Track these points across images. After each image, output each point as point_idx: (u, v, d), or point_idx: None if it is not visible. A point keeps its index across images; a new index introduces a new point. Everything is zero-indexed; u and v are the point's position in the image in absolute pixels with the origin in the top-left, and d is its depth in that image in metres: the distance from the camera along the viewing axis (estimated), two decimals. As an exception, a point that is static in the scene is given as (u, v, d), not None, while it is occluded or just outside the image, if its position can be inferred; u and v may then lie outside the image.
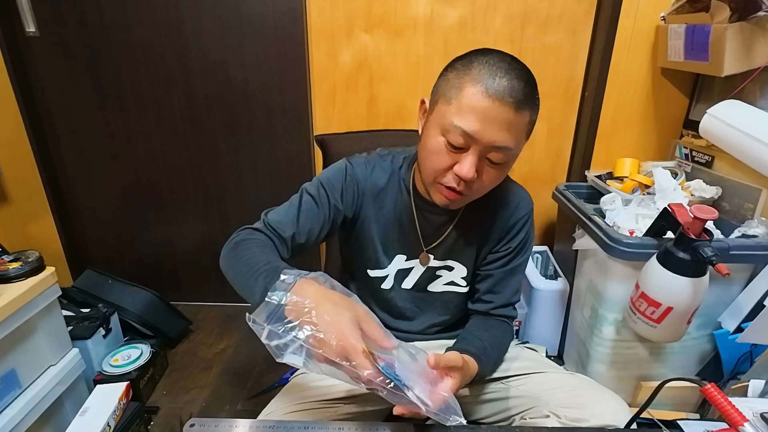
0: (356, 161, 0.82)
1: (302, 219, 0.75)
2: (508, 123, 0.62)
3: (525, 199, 0.82)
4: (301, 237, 0.74)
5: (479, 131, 0.62)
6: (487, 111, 0.61)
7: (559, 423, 0.69)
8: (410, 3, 1.43)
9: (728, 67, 1.11)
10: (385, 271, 0.84)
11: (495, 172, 0.68)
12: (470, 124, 0.62)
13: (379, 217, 0.81)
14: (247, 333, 1.71)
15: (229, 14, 1.48)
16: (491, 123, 0.62)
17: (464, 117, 0.62)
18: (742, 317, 1.05)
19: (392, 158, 0.83)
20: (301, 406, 0.75)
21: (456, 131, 0.63)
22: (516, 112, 0.62)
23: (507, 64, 0.63)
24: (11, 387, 1.05)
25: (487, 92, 0.61)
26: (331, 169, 0.81)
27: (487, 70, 0.63)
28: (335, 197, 0.78)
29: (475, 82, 0.62)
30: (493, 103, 0.61)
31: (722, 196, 1.19)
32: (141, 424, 1.21)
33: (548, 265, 1.57)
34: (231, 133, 1.63)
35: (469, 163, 0.64)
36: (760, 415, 0.54)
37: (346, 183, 0.79)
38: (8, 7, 1.46)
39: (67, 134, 1.64)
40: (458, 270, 0.83)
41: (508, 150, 0.64)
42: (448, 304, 0.86)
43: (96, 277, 1.60)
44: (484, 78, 0.62)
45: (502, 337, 0.80)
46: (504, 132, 0.62)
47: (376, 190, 0.81)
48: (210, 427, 0.55)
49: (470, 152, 0.64)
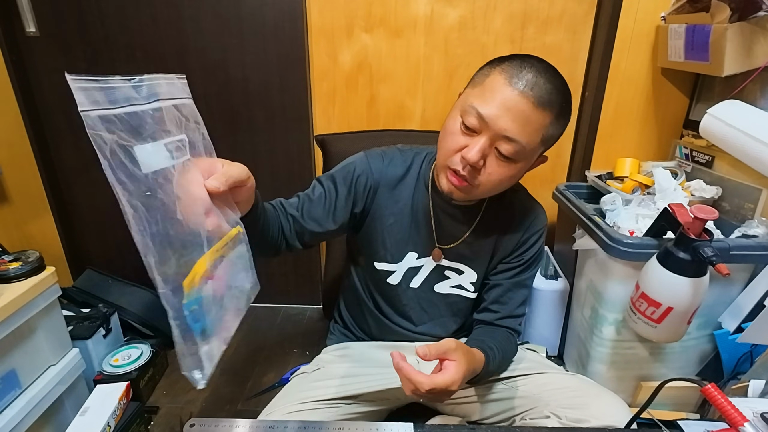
0: (372, 153, 0.82)
1: (309, 206, 0.76)
2: (524, 116, 0.62)
3: (542, 215, 0.83)
4: (307, 222, 0.74)
5: (493, 116, 0.62)
6: (506, 98, 0.62)
7: (559, 423, 0.69)
8: (410, 3, 1.43)
9: (728, 67, 1.11)
10: (394, 267, 0.83)
11: (502, 168, 0.67)
12: (486, 108, 0.63)
13: (394, 210, 0.81)
14: (247, 333, 1.71)
15: (229, 14, 1.48)
16: (507, 111, 0.62)
17: (483, 100, 0.64)
18: (743, 317, 1.05)
19: (414, 154, 0.83)
20: (301, 406, 0.75)
21: (472, 112, 0.64)
22: (535, 108, 0.62)
23: (541, 65, 0.65)
24: (11, 387, 1.05)
25: (509, 80, 0.63)
26: (345, 162, 0.81)
27: (518, 63, 0.64)
28: (344, 190, 0.78)
29: (503, 71, 0.64)
30: (513, 92, 0.62)
31: (722, 196, 1.19)
32: (141, 424, 1.21)
33: (548, 265, 1.56)
34: (231, 133, 1.63)
35: (476, 147, 0.64)
36: (760, 415, 0.54)
37: (357, 176, 0.79)
38: (8, 6, 1.46)
39: (67, 134, 1.64)
40: (468, 275, 0.83)
41: (518, 144, 0.64)
42: (453, 308, 0.86)
43: (96, 277, 1.60)
44: (513, 69, 0.63)
45: (506, 344, 0.79)
46: (518, 124, 0.62)
47: (391, 183, 0.80)
48: (210, 427, 0.55)
49: (481, 136, 0.65)
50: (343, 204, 0.78)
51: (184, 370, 0.41)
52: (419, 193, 0.80)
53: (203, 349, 0.42)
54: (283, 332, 1.68)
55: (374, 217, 0.81)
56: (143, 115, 0.38)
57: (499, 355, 0.75)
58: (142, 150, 0.37)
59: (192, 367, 0.42)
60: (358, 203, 0.80)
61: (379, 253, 0.83)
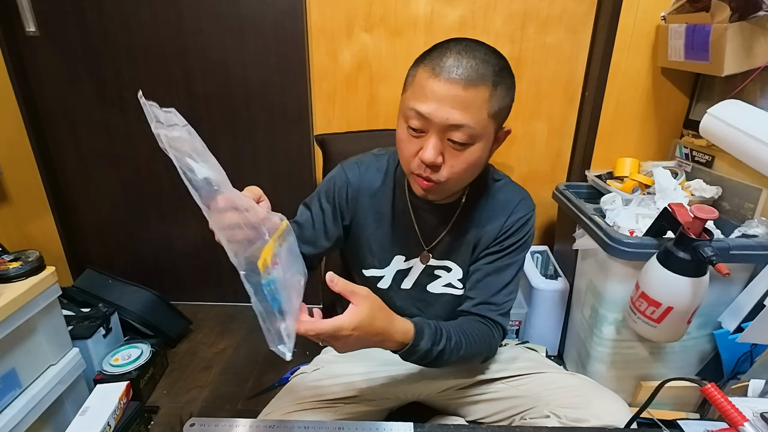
0: (348, 165, 0.83)
1: (300, 231, 0.79)
2: (460, 100, 0.62)
3: (525, 201, 0.80)
4: (302, 247, 0.77)
5: (432, 111, 0.62)
6: (436, 90, 0.62)
7: (559, 423, 0.69)
8: (410, 3, 1.43)
9: (728, 67, 1.11)
10: (382, 272, 0.84)
11: (463, 156, 0.66)
12: (423, 105, 0.63)
13: (376, 218, 0.81)
14: (247, 333, 1.71)
15: (230, 14, 1.48)
16: (441, 101, 0.62)
17: (418, 99, 0.64)
18: (742, 317, 1.05)
19: (389, 157, 0.83)
20: (301, 406, 0.75)
21: (412, 114, 0.64)
22: (466, 89, 0.61)
23: (460, 45, 0.64)
24: (11, 387, 1.05)
25: (434, 72, 0.63)
26: (325, 179, 0.84)
27: (438, 52, 0.64)
28: (329, 207, 0.80)
29: (426, 66, 0.64)
30: (441, 82, 0.62)
31: (722, 195, 1.19)
32: (141, 424, 1.21)
33: (548, 265, 1.57)
34: (231, 133, 1.63)
35: (429, 146, 0.64)
36: (760, 415, 0.54)
37: (338, 189, 0.80)
38: (8, 6, 1.46)
39: (67, 134, 1.64)
40: (455, 272, 0.83)
41: (467, 127, 0.63)
42: (447, 307, 0.86)
43: (96, 276, 1.60)
44: (434, 60, 0.63)
45: (474, 335, 0.73)
46: (457, 109, 0.62)
47: (370, 192, 0.81)
48: (210, 426, 0.55)
49: (429, 134, 0.65)
50: (332, 220, 0.80)
51: (271, 345, 0.47)
52: (398, 197, 0.81)
53: (282, 326, 0.48)
54: (283, 332, 1.68)
55: (358, 226, 0.82)
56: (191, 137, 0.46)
57: (455, 342, 0.69)
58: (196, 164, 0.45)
59: (277, 342, 0.47)
60: (345, 216, 0.81)
61: (366, 260, 0.84)
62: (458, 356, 0.70)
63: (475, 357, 0.77)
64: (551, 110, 1.54)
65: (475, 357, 0.78)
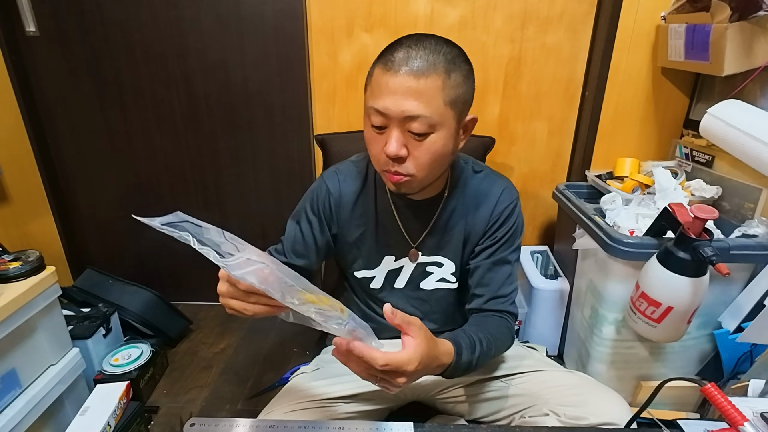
0: (327, 175, 0.85)
1: (291, 247, 0.82)
2: (414, 91, 0.63)
3: (508, 189, 0.81)
4: (296, 261, 0.81)
5: (388, 105, 0.64)
6: (390, 84, 0.63)
7: (558, 421, 0.69)
8: (410, 2, 1.43)
9: (728, 67, 1.11)
10: (373, 272, 0.85)
11: (426, 146, 0.66)
12: (380, 102, 0.64)
13: (362, 222, 0.83)
14: (247, 333, 1.71)
15: (229, 14, 1.48)
16: (396, 95, 0.63)
17: (375, 97, 0.65)
18: (742, 317, 1.05)
19: (367, 162, 0.84)
20: (301, 406, 0.75)
21: (372, 112, 0.66)
22: (418, 79, 0.62)
23: (410, 40, 0.65)
24: (11, 386, 1.05)
25: (386, 67, 0.64)
26: (308, 192, 0.85)
27: (389, 50, 0.66)
28: (315, 218, 0.82)
29: (378, 64, 0.66)
30: (393, 76, 0.63)
31: (722, 195, 1.19)
32: (141, 424, 1.21)
33: (548, 265, 1.56)
34: (231, 133, 1.63)
35: (392, 139, 0.65)
36: (760, 414, 0.54)
37: (320, 200, 0.82)
38: (8, 6, 1.46)
39: (68, 134, 1.64)
40: (447, 266, 0.83)
41: (423, 117, 0.64)
42: (442, 302, 0.86)
43: (96, 276, 1.60)
44: (386, 57, 0.65)
45: (497, 332, 0.75)
46: (411, 99, 0.63)
47: (352, 198, 0.82)
48: (210, 426, 0.55)
49: (390, 129, 0.66)
50: (320, 231, 0.82)
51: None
52: (380, 199, 0.82)
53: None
54: (283, 332, 1.68)
55: (345, 233, 0.84)
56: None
57: (484, 346, 0.70)
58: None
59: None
60: (332, 225, 0.83)
61: (356, 262, 0.86)
62: (490, 357, 0.73)
63: (501, 352, 0.80)
64: (551, 110, 1.54)
65: (502, 352, 0.80)
